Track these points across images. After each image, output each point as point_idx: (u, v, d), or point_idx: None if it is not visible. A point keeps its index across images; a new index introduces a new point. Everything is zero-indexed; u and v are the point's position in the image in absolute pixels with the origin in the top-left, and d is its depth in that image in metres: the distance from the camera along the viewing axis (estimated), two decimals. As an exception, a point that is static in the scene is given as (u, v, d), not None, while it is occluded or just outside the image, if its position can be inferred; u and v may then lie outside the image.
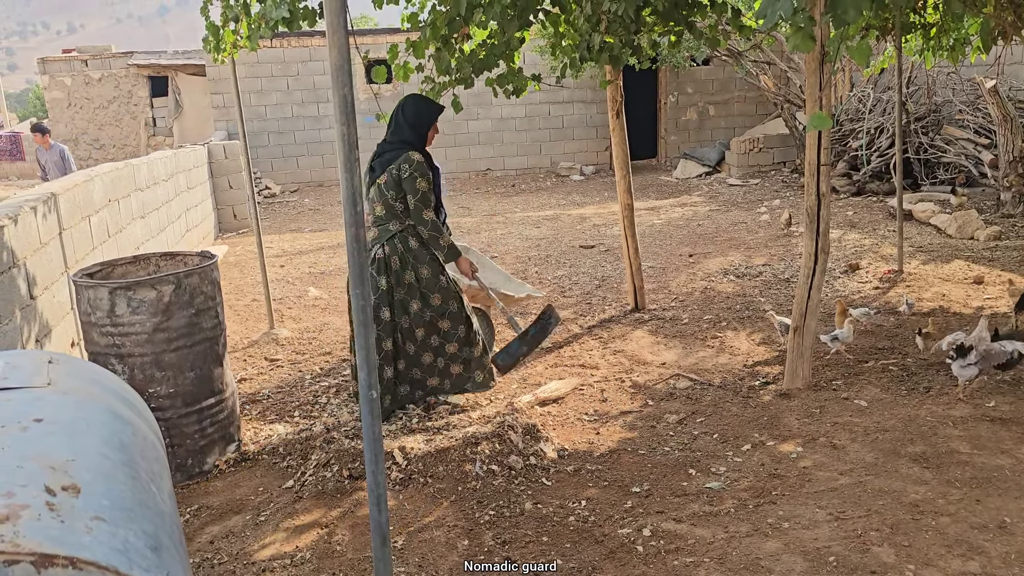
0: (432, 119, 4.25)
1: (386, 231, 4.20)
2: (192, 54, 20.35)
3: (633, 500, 3.37)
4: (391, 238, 4.19)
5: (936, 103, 11.35)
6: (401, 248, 4.19)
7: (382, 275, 4.18)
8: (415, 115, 4.21)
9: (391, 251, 4.19)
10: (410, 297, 4.25)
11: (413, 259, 4.21)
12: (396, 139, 4.20)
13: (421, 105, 4.23)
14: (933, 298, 6.06)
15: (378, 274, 4.17)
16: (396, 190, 4.14)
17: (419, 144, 4.21)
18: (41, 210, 4.36)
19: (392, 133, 4.25)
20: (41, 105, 37.07)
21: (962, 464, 3.47)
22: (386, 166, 4.17)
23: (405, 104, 4.24)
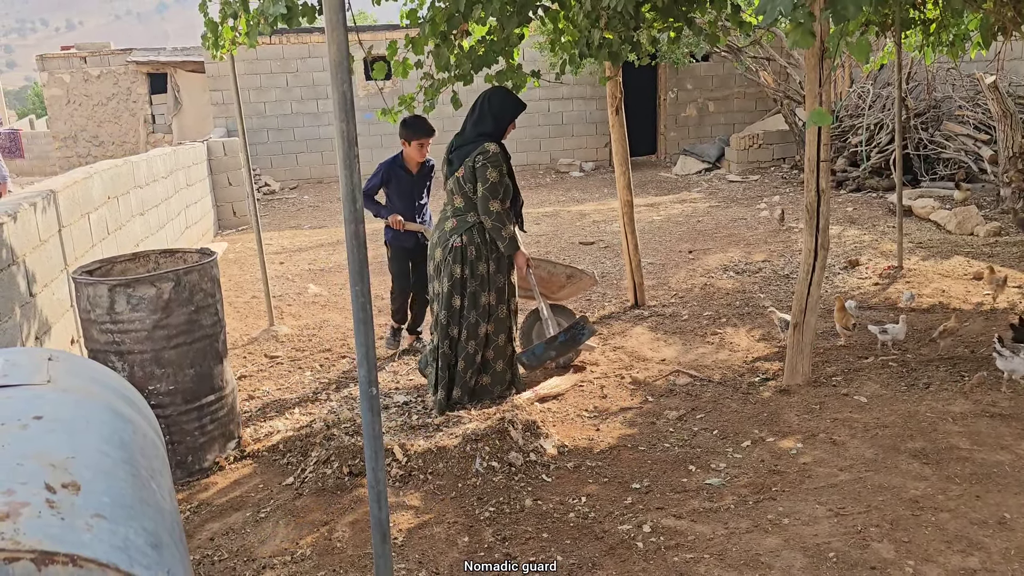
0: (516, 113, 4.32)
1: (464, 222, 4.29)
2: (191, 51, 20.33)
3: (633, 496, 3.37)
4: (469, 229, 4.28)
5: (936, 99, 11.34)
6: (478, 239, 4.28)
7: (457, 264, 4.29)
8: (500, 108, 4.27)
9: (468, 241, 4.28)
10: (482, 289, 4.34)
11: (487, 251, 4.31)
12: (475, 132, 4.27)
13: (507, 98, 4.31)
14: (933, 294, 6.06)
15: (454, 263, 4.28)
16: (473, 182, 4.23)
17: (498, 136, 4.28)
18: (40, 207, 4.36)
19: (473, 125, 4.31)
20: (40, 102, 37.06)
21: (962, 460, 3.47)
22: (463, 159, 4.25)
23: (492, 96, 4.31)
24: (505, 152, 4.28)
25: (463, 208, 4.30)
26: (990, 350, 4.65)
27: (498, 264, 4.35)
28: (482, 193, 4.19)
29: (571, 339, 4.50)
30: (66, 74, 20.39)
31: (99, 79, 20.46)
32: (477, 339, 4.38)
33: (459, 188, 4.29)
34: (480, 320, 4.37)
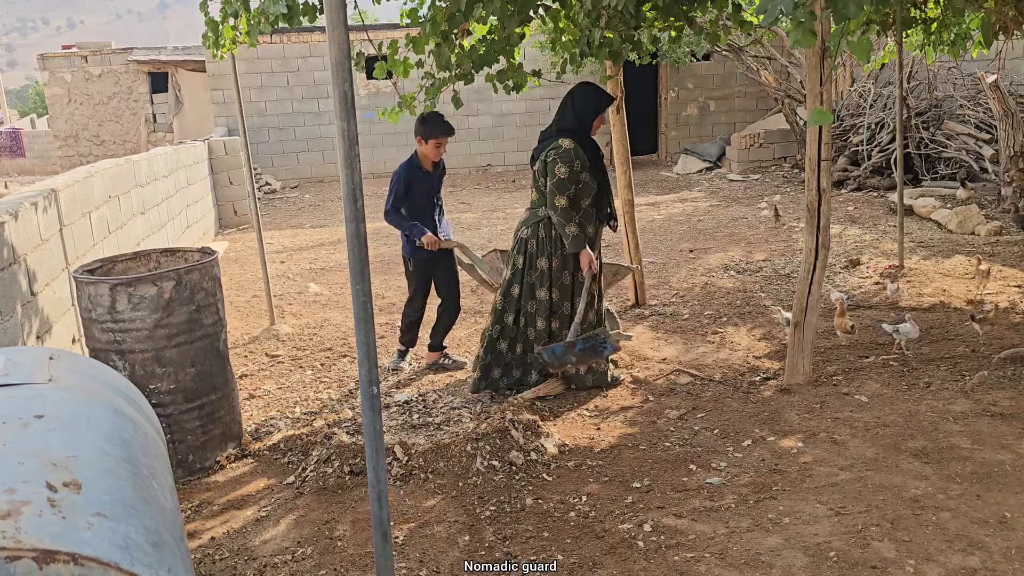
0: (599, 108, 4.29)
1: (534, 215, 4.37)
2: (192, 50, 20.33)
3: (634, 495, 3.37)
4: (536, 223, 4.35)
5: (937, 98, 11.33)
6: (542, 234, 4.33)
7: (520, 255, 4.41)
8: (582, 104, 4.28)
9: (531, 234, 4.37)
10: (539, 284, 4.39)
11: (550, 247, 4.32)
12: (556, 127, 4.31)
13: (590, 94, 4.30)
14: (934, 293, 6.06)
15: (517, 253, 4.42)
16: (545, 176, 4.27)
17: (580, 132, 4.27)
18: (42, 206, 4.36)
19: (555, 121, 4.36)
20: (41, 101, 37.09)
21: (962, 459, 3.47)
22: (540, 153, 4.30)
23: (575, 91, 4.33)
24: (591, 149, 4.28)
25: (537, 202, 4.37)
26: (991, 350, 4.65)
27: (563, 261, 4.35)
28: (549, 188, 4.23)
29: (590, 349, 4.34)
30: (67, 73, 20.39)
31: (100, 78, 20.46)
32: (536, 329, 4.47)
33: (534, 182, 4.40)
34: (537, 314, 4.44)
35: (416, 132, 4.83)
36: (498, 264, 5.14)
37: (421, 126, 4.79)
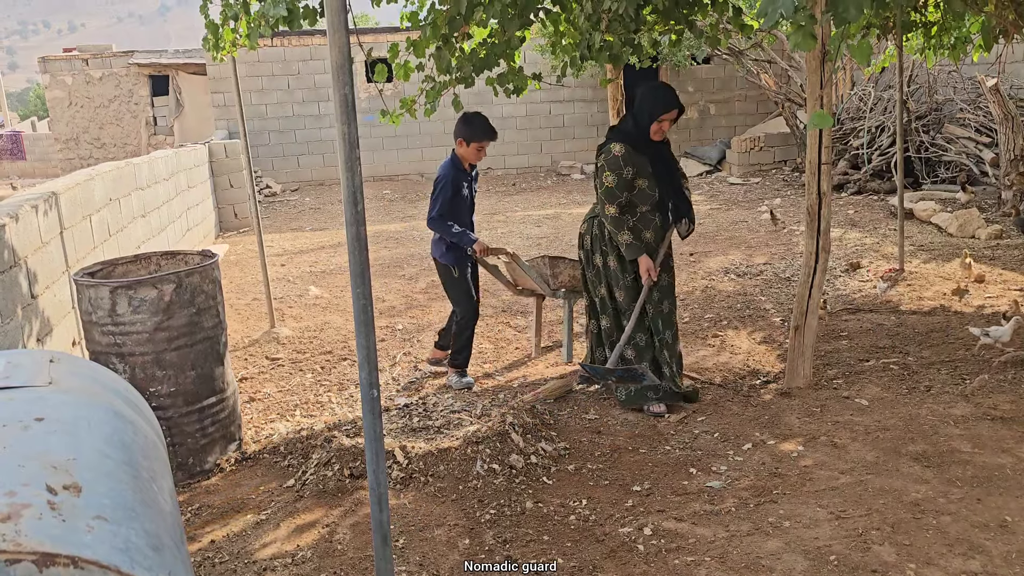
0: (657, 112, 4.02)
1: (592, 211, 4.42)
2: (193, 53, 20.35)
3: (634, 499, 3.37)
4: (592, 218, 4.38)
5: (937, 102, 11.34)
6: (595, 231, 4.32)
7: (580, 249, 4.49)
8: (639, 106, 4.09)
9: (586, 230, 4.41)
10: (597, 281, 4.39)
11: (602, 246, 4.29)
12: (615, 129, 4.20)
13: (648, 96, 4.06)
14: (934, 297, 6.06)
15: (578, 247, 4.51)
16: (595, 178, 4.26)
17: (638, 136, 4.07)
18: (42, 209, 4.37)
19: (621, 120, 4.29)
20: (42, 104, 37.11)
21: (963, 463, 3.47)
22: (599, 151, 4.24)
23: (639, 90, 4.19)
24: (653, 152, 4.09)
25: (597, 199, 4.34)
26: (991, 353, 4.65)
27: (622, 263, 4.25)
28: (599, 197, 4.21)
29: (627, 376, 4.23)
30: (68, 76, 20.42)
31: (101, 81, 20.49)
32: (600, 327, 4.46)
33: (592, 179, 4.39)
34: (602, 312, 4.41)
35: (457, 133, 4.61)
36: (544, 271, 5.12)
37: (465, 127, 4.58)
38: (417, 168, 16.59)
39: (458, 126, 4.61)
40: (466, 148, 4.64)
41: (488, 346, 5.64)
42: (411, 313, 6.57)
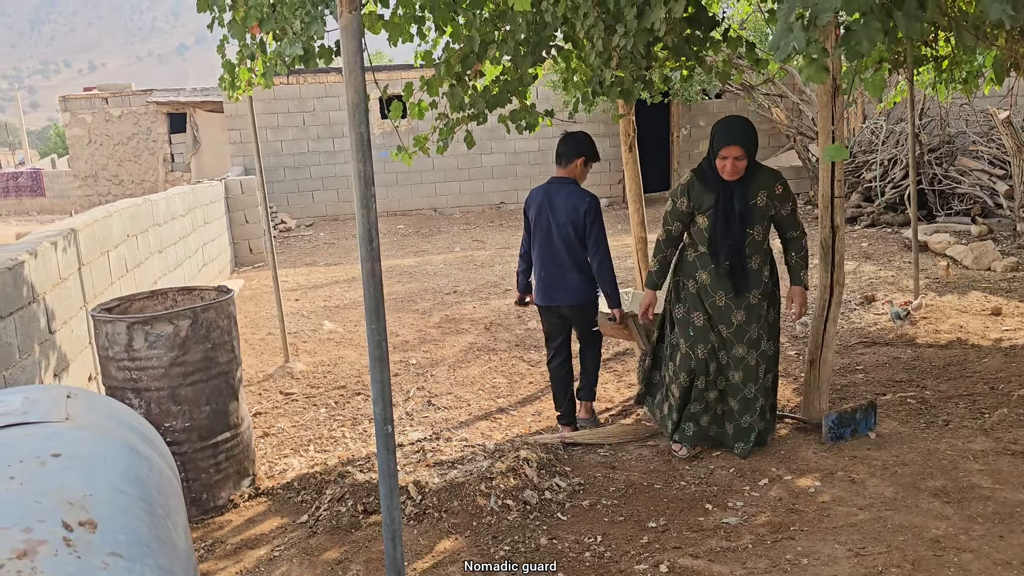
0: (717, 146, 3.77)
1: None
2: (210, 91, 20.67)
3: (649, 535, 3.33)
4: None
5: (950, 134, 11.35)
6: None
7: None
8: (711, 138, 3.88)
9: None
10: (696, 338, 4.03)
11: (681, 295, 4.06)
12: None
13: (718, 130, 3.82)
14: (951, 330, 6.01)
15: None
16: None
17: (708, 170, 3.85)
18: (61, 245, 4.42)
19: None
20: (62, 142, 37.72)
21: (984, 499, 3.42)
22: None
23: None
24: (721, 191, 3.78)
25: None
26: (1011, 387, 4.60)
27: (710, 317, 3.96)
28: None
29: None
30: (88, 114, 20.76)
31: (120, 119, 20.81)
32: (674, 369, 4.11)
33: None
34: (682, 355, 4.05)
35: (578, 153, 4.38)
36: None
37: (589, 148, 4.41)
38: (430, 203, 16.70)
39: (583, 146, 4.37)
40: (583, 168, 4.42)
41: (502, 380, 5.63)
42: (424, 348, 6.58)
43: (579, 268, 4.29)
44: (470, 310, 7.74)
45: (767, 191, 3.79)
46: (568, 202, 4.26)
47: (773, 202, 3.81)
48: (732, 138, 3.72)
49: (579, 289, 4.32)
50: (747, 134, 3.74)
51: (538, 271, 4.39)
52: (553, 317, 4.50)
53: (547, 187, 4.39)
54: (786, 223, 3.92)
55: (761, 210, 3.80)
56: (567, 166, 4.38)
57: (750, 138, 3.75)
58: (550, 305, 4.42)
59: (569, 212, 4.24)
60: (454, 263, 10.65)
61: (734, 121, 3.81)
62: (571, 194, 4.28)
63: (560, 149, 4.41)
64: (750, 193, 3.78)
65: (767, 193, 3.79)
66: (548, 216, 4.30)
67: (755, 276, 3.88)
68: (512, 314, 7.43)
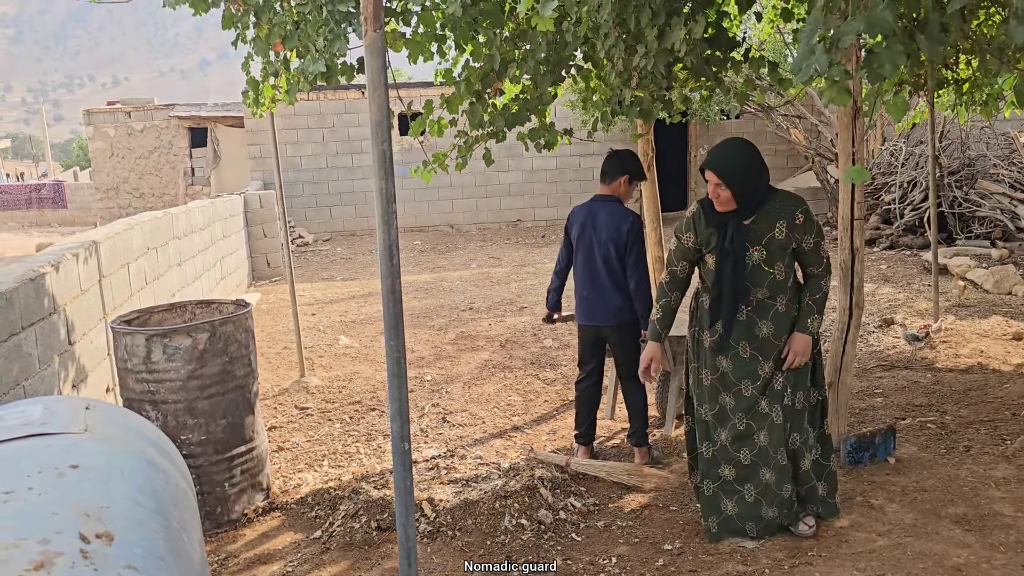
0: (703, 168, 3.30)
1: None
2: (231, 106, 20.88)
3: (665, 558, 3.30)
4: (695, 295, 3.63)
5: (970, 157, 11.28)
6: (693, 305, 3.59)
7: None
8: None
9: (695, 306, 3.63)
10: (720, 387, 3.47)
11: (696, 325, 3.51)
12: None
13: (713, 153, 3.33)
14: (971, 354, 5.94)
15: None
16: None
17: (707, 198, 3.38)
18: (82, 257, 4.46)
19: None
20: (84, 155, 38.21)
21: (1006, 527, 3.36)
22: None
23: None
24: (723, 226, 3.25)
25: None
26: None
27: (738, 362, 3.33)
28: None
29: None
30: (111, 128, 21.01)
31: (142, 133, 21.05)
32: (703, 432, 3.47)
33: None
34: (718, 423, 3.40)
35: (624, 170, 4.24)
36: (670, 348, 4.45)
37: (633, 165, 4.26)
38: (447, 219, 16.76)
39: (627, 163, 4.25)
40: (627, 187, 4.28)
41: (517, 398, 5.62)
42: (440, 364, 6.58)
43: (620, 288, 4.17)
44: (486, 327, 7.74)
45: (787, 220, 3.20)
46: (611, 221, 4.15)
47: (794, 233, 3.22)
48: (709, 161, 3.22)
49: (619, 309, 4.18)
50: (726, 160, 3.19)
51: (579, 290, 4.29)
52: (591, 337, 4.34)
53: (590, 205, 4.28)
54: (808, 257, 3.31)
55: (780, 243, 3.21)
56: (611, 184, 4.26)
57: (731, 164, 3.18)
58: (591, 324, 4.29)
59: (611, 231, 4.13)
60: (470, 280, 10.66)
61: (721, 145, 3.31)
62: (613, 212, 4.18)
63: (605, 167, 4.30)
64: (758, 226, 3.21)
65: (786, 223, 3.20)
66: (591, 234, 4.20)
67: (784, 319, 3.29)
68: (528, 332, 7.42)
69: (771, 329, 3.27)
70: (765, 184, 3.25)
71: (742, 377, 3.31)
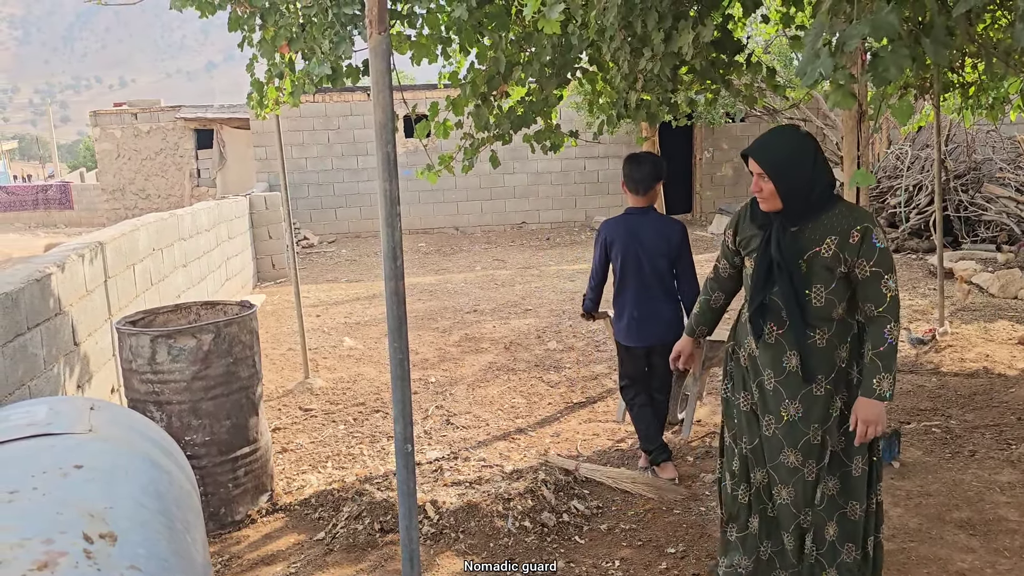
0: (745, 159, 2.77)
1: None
2: (237, 108, 20.93)
3: (668, 561, 3.29)
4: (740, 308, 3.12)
5: (976, 161, 11.25)
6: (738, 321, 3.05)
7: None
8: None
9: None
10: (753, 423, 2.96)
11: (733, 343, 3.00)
12: None
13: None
14: (977, 359, 5.92)
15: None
16: None
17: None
18: (88, 258, 4.47)
19: None
20: (91, 156, 38.34)
21: (1011, 532, 3.35)
22: None
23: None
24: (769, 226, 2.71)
25: None
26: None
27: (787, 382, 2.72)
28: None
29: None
30: (117, 129, 21.08)
31: (148, 134, 21.11)
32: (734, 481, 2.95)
33: None
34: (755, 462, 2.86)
35: (657, 177, 4.00)
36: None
37: (662, 166, 4.04)
38: (452, 222, 16.77)
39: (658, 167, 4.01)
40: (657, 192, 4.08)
41: (521, 400, 5.62)
42: (444, 366, 6.58)
43: (672, 298, 4.02)
44: (490, 329, 7.74)
45: (839, 236, 2.55)
46: (658, 233, 3.95)
47: (844, 253, 2.55)
48: (752, 146, 2.72)
49: (674, 321, 4.00)
50: (772, 148, 2.66)
51: (628, 310, 4.04)
52: (641, 361, 4.12)
53: (626, 219, 4.03)
54: (863, 290, 2.58)
55: (825, 262, 2.57)
56: (647, 194, 3.98)
57: (777, 153, 2.64)
58: (643, 346, 4.06)
59: (660, 244, 3.94)
60: (474, 282, 10.66)
61: (771, 131, 2.75)
62: (657, 224, 3.98)
63: (635, 176, 3.95)
64: (806, 236, 2.62)
65: (838, 240, 2.55)
66: (637, 251, 3.96)
67: (821, 356, 2.66)
68: (532, 334, 7.42)
69: (799, 363, 2.66)
70: (823, 187, 2.62)
71: (766, 412, 2.77)
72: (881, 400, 2.53)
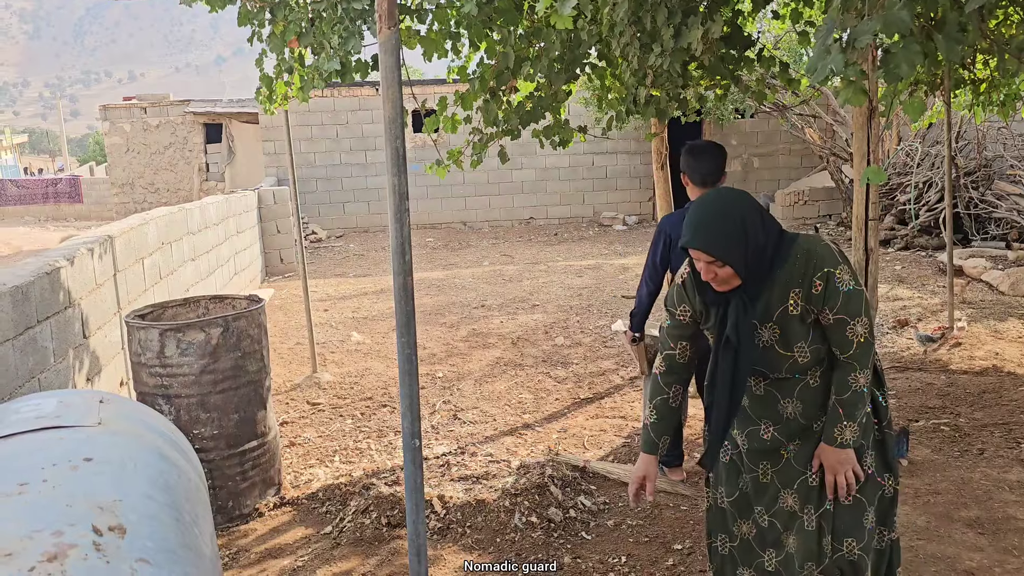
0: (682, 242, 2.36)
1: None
2: (246, 102, 20.97)
3: (675, 557, 3.29)
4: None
5: (986, 158, 11.19)
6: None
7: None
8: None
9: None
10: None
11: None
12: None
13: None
14: (986, 357, 5.90)
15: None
16: None
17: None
18: (97, 252, 4.49)
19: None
20: (100, 150, 38.46)
21: (1019, 531, 3.34)
22: None
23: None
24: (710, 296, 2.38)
25: None
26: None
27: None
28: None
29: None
30: (127, 123, 21.14)
31: (158, 128, 21.17)
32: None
33: None
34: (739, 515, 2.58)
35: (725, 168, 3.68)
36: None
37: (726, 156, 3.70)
38: (460, 216, 16.78)
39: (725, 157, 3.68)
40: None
41: (528, 396, 5.62)
42: (451, 361, 6.59)
43: None
44: (497, 324, 7.74)
45: (803, 288, 2.23)
46: None
47: (810, 305, 2.24)
48: (690, 235, 2.25)
49: None
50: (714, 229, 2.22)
51: None
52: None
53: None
54: (831, 335, 2.29)
55: (797, 317, 2.26)
56: (715, 186, 3.55)
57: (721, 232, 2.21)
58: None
59: None
60: (482, 277, 10.67)
61: (698, 205, 2.29)
62: None
63: (703, 168, 3.59)
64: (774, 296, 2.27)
65: (801, 292, 2.24)
66: None
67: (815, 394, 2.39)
68: (539, 329, 7.42)
69: (799, 408, 2.39)
70: (775, 236, 2.28)
71: (759, 461, 2.48)
72: (841, 447, 2.29)
